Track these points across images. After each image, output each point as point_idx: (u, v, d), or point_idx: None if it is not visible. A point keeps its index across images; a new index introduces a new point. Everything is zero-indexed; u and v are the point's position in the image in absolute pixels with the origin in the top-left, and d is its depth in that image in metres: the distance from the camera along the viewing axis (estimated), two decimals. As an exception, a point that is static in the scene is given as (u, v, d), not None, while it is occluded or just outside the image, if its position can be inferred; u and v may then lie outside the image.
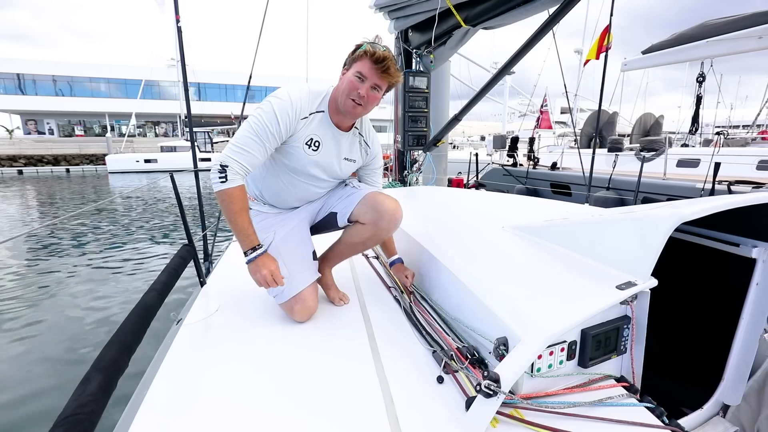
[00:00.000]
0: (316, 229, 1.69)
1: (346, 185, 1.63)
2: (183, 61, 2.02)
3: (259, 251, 1.37)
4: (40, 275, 5.33)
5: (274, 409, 0.98)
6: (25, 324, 3.87)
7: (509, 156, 9.65)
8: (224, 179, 1.28)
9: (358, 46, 1.37)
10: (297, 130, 1.38)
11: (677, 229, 1.05)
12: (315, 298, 1.47)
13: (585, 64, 9.43)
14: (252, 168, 1.33)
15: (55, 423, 0.68)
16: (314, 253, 1.59)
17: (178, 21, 1.94)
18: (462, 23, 3.11)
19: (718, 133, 8.72)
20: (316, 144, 1.44)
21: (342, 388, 1.06)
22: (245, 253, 1.37)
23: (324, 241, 1.68)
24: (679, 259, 1.40)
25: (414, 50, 3.98)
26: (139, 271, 5.51)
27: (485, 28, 3.24)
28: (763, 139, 9.69)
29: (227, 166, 1.28)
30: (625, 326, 1.06)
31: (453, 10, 3.06)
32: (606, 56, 3.86)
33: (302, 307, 1.42)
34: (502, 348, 1.02)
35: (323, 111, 1.43)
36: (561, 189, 7.51)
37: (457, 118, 3.61)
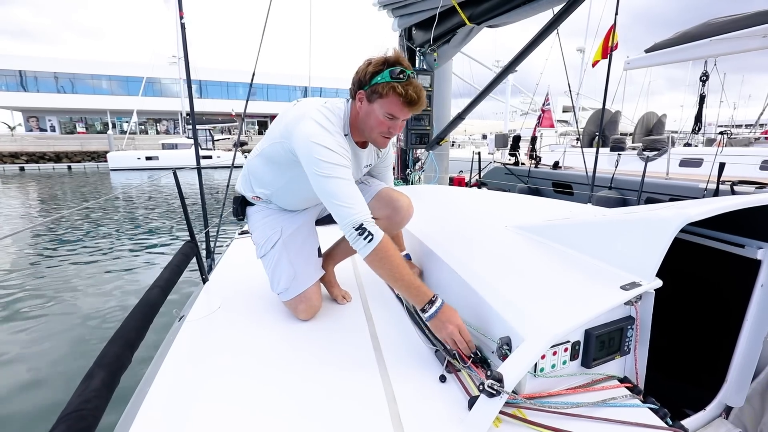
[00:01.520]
0: (322, 220, 1.68)
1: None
2: (186, 59, 2.01)
3: (437, 304, 1.15)
4: (42, 272, 5.34)
5: (276, 406, 0.98)
6: (28, 320, 3.89)
7: (511, 155, 9.62)
8: (370, 237, 1.15)
9: (376, 73, 1.22)
10: None
11: (682, 230, 1.04)
12: (319, 296, 1.47)
13: (594, 65, 9.36)
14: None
15: (59, 419, 0.68)
16: (319, 249, 1.59)
17: (181, 18, 1.93)
18: (466, 21, 3.10)
19: (721, 133, 8.68)
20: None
21: (344, 387, 1.06)
22: (423, 310, 1.16)
23: (328, 236, 1.68)
24: (684, 260, 1.39)
25: (417, 48, 3.97)
26: (141, 267, 5.52)
27: (489, 27, 3.22)
28: (766, 138, 9.65)
29: (362, 224, 1.16)
30: (629, 327, 1.06)
31: (457, 8, 3.04)
32: (610, 56, 3.84)
33: (307, 306, 1.42)
34: (505, 347, 1.02)
35: (347, 134, 1.35)
36: (563, 188, 7.49)
37: (460, 117, 3.59)
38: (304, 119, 1.25)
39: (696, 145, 9.86)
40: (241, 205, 1.60)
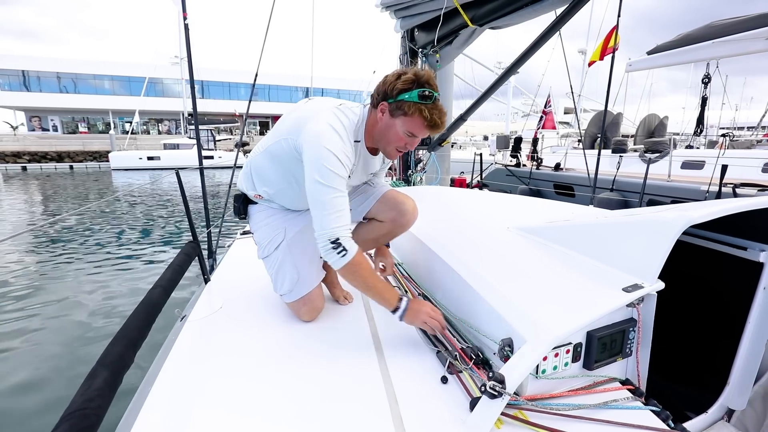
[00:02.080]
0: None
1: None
2: (190, 59, 2.01)
3: (404, 301, 1.24)
4: (45, 271, 5.36)
5: (277, 406, 0.98)
6: (32, 319, 3.89)
7: (512, 156, 9.62)
8: (343, 252, 1.19)
9: (405, 90, 1.20)
10: None
11: (684, 232, 1.04)
12: (322, 298, 1.48)
13: (590, 65, 9.38)
14: (350, 221, 1.26)
15: (62, 417, 0.68)
16: None
17: (185, 18, 1.94)
18: (469, 23, 3.10)
19: (723, 135, 8.66)
20: (352, 171, 1.37)
21: (346, 387, 1.06)
22: (393, 312, 1.24)
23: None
24: (686, 263, 1.39)
25: (420, 49, 3.98)
26: (143, 267, 5.53)
27: (492, 28, 3.22)
28: (768, 141, 9.62)
29: (338, 238, 1.19)
30: (631, 329, 1.06)
31: (460, 9, 3.04)
32: (612, 57, 3.84)
33: (310, 308, 1.42)
34: (507, 349, 1.02)
35: (359, 141, 1.35)
36: (564, 190, 7.48)
37: (462, 118, 3.60)
38: (317, 119, 1.24)
39: (698, 148, 9.84)
40: (242, 204, 1.57)
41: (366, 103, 1.36)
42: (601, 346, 1.02)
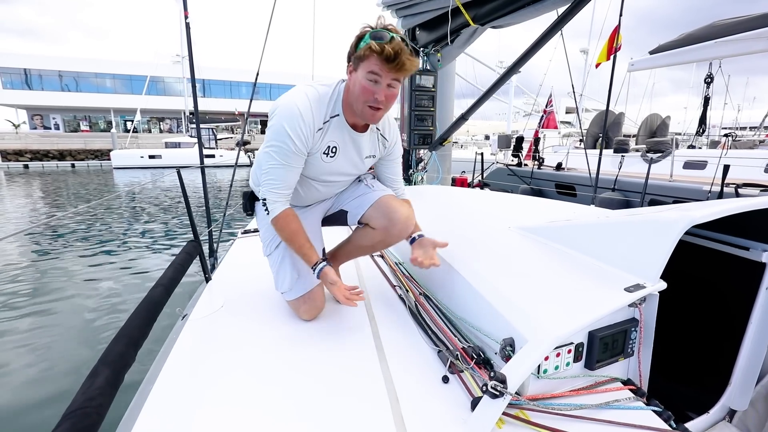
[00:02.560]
0: (325, 221, 1.67)
1: (360, 182, 1.58)
2: (191, 58, 2.01)
3: (319, 266, 1.35)
4: (46, 270, 5.37)
5: (278, 406, 0.98)
6: (33, 318, 3.90)
7: (514, 156, 9.60)
8: (268, 212, 1.34)
9: (360, 38, 1.20)
10: (315, 142, 1.31)
11: (686, 232, 1.04)
12: (323, 297, 1.47)
13: (597, 66, 9.33)
14: (290, 190, 1.35)
15: (64, 416, 0.68)
16: (324, 250, 1.59)
17: (186, 17, 1.93)
18: (470, 22, 3.10)
19: (726, 135, 8.64)
20: (333, 150, 1.37)
21: (347, 387, 1.06)
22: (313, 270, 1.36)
23: (331, 236, 1.68)
24: (688, 263, 1.39)
25: (421, 48, 3.97)
26: (145, 266, 5.54)
27: (494, 27, 3.22)
28: (771, 141, 9.60)
29: (266, 199, 1.33)
30: (633, 329, 1.06)
31: (462, 8, 3.04)
32: (614, 57, 3.83)
33: (310, 306, 1.42)
34: (508, 349, 1.02)
35: (338, 114, 1.32)
36: (566, 189, 7.46)
37: (464, 118, 3.60)
38: (288, 93, 1.29)
39: (700, 147, 9.82)
40: (249, 201, 1.59)
41: (344, 79, 1.33)
42: (603, 346, 1.02)
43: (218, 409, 0.97)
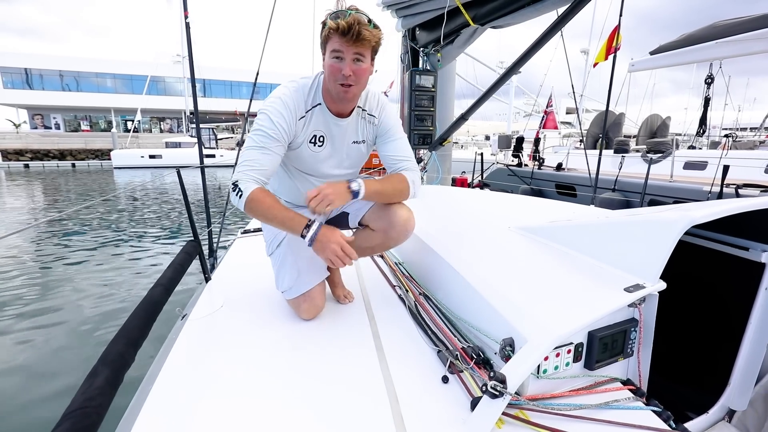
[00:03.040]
0: (330, 222, 1.67)
1: None
2: (191, 58, 2.01)
3: (314, 227, 1.22)
4: (45, 270, 5.37)
5: (278, 406, 0.98)
6: (32, 317, 3.90)
7: (514, 156, 9.60)
8: (239, 192, 1.24)
9: (323, 24, 1.22)
10: (298, 131, 1.33)
11: (686, 233, 1.04)
12: (323, 296, 1.47)
13: (595, 66, 9.34)
14: (263, 175, 1.27)
15: (63, 416, 0.68)
16: None
17: (186, 17, 1.94)
18: (470, 22, 3.09)
19: (726, 136, 8.64)
20: (321, 139, 1.38)
21: (346, 386, 1.06)
22: (302, 237, 1.23)
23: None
24: (688, 263, 1.39)
25: (421, 48, 3.97)
26: (144, 266, 5.54)
27: (494, 27, 3.22)
28: (771, 142, 9.59)
29: (237, 181, 1.25)
30: (633, 329, 1.06)
31: (462, 8, 3.04)
32: (614, 57, 3.83)
33: (310, 305, 1.42)
34: (508, 349, 1.02)
35: (320, 103, 1.35)
36: (566, 190, 7.46)
37: (464, 118, 3.60)
38: (267, 98, 1.32)
39: (700, 148, 9.82)
40: None
41: (323, 71, 1.34)
42: (603, 346, 1.02)
43: (218, 408, 0.97)
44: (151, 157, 22.19)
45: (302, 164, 1.42)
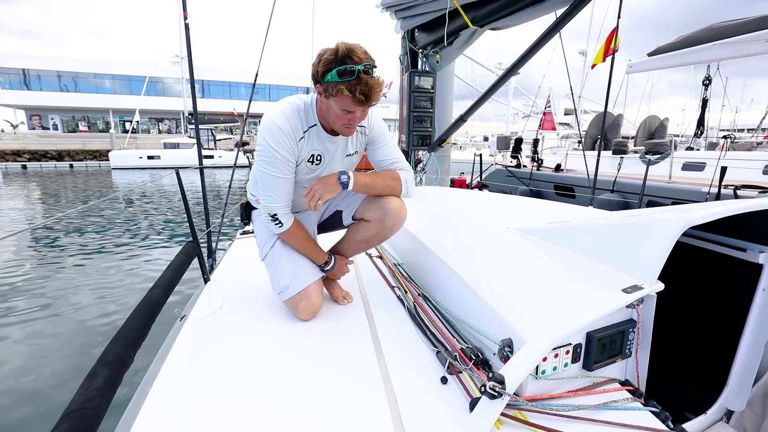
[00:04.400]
0: (322, 227, 1.69)
1: None
2: (190, 59, 2.01)
3: (331, 263, 1.54)
4: (44, 271, 5.36)
5: (277, 407, 0.98)
6: (31, 319, 3.89)
7: (513, 157, 9.61)
8: (280, 224, 1.41)
9: (327, 68, 1.18)
10: (300, 151, 1.37)
11: (684, 233, 1.04)
12: (320, 295, 1.47)
13: (593, 67, 9.36)
14: (290, 201, 1.41)
15: (62, 416, 0.68)
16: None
17: (185, 18, 1.94)
18: (469, 24, 3.10)
19: (725, 137, 8.66)
20: (318, 158, 1.42)
21: (345, 387, 1.06)
22: (321, 268, 1.54)
23: (329, 240, 1.68)
24: (685, 264, 1.39)
25: (420, 50, 3.98)
26: (143, 267, 5.53)
27: (492, 29, 3.23)
28: (769, 143, 9.62)
29: (276, 214, 1.39)
30: (631, 330, 1.06)
31: (460, 10, 3.05)
32: (612, 59, 3.85)
33: (307, 304, 1.42)
34: (506, 350, 1.02)
35: (315, 125, 1.37)
36: (565, 191, 7.48)
37: (462, 119, 3.61)
38: (267, 112, 1.33)
39: (698, 149, 9.84)
40: (245, 210, 1.68)
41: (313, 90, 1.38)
42: (601, 346, 1.02)
43: (217, 409, 0.97)
44: (150, 158, 22.14)
45: (299, 178, 1.45)
